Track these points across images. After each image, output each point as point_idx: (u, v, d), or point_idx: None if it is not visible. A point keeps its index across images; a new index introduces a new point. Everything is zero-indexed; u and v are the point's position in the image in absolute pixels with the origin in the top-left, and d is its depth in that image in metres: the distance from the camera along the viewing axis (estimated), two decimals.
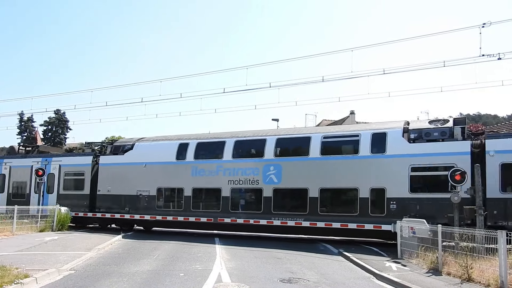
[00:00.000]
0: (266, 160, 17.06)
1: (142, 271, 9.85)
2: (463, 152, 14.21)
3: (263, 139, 17.60)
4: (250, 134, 18.45)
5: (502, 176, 13.48)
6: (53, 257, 10.98)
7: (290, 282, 9.28)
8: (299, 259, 12.55)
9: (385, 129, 15.97)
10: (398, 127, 15.90)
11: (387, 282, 9.66)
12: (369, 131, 16.22)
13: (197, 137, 19.52)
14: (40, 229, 17.56)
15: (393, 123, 16.72)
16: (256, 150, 17.83)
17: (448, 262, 10.45)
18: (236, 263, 11.40)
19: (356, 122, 44.90)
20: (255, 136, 18.21)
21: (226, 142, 18.18)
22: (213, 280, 9.02)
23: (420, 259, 11.57)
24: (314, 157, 16.40)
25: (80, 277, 9.04)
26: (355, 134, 16.42)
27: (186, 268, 10.38)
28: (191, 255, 12.66)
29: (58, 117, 55.43)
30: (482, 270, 9.33)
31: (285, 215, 16.45)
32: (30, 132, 57.11)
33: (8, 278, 7.92)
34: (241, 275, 9.81)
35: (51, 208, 18.70)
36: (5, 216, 16.82)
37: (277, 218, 16.50)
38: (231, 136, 18.58)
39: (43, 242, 14.04)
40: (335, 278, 9.96)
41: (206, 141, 19.12)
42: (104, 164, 20.43)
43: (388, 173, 15.11)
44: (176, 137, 20.48)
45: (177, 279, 9.05)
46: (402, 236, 12.99)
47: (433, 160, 14.58)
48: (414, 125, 16.20)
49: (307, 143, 16.70)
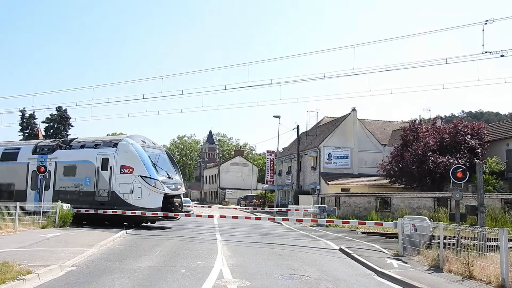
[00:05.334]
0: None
1: (143, 268, 9.87)
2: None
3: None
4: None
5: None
6: (55, 253, 11.02)
7: (292, 278, 9.30)
8: (300, 256, 12.58)
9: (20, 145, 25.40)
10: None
11: (388, 279, 9.67)
12: (27, 146, 24.43)
13: None
14: (42, 226, 17.60)
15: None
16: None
17: (449, 259, 10.44)
18: (237, 260, 11.43)
19: (358, 119, 45.00)
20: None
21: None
22: (215, 277, 9.04)
23: (421, 256, 11.58)
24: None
25: (82, 274, 9.07)
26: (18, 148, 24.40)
27: (187, 265, 10.40)
28: (192, 251, 12.70)
29: (60, 114, 55.52)
30: (483, 268, 9.33)
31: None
32: (32, 129, 57.22)
33: (11, 274, 7.95)
34: (243, 271, 9.83)
35: (53, 204, 18.75)
36: (7, 212, 16.85)
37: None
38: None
39: (45, 238, 14.08)
40: (336, 274, 9.98)
41: None
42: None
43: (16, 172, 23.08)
44: None
45: (179, 276, 9.08)
46: (403, 233, 13.00)
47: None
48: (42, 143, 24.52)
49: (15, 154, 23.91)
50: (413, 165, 31.61)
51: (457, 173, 12.71)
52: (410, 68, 24.85)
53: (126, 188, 19.88)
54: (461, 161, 28.74)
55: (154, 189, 19.79)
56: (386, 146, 44.12)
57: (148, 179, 19.79)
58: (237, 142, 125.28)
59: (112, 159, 20.42)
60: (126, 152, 20.43)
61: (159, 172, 20.56)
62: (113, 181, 20.00)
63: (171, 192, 20.59)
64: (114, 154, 20.52)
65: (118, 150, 20.57)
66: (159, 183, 19.94)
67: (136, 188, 19.71)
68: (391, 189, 35.11)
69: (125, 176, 19.98)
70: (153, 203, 19.61)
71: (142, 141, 21.62)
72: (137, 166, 19.97)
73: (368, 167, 42.22)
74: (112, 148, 20.82)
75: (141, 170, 19.88)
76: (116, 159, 20.37)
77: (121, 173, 20.04)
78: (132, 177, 19.84)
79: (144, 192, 19.67)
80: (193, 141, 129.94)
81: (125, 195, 19.81)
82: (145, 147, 21.27)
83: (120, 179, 20.00)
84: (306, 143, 47.44)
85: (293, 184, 48.73)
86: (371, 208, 29.20)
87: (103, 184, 20.41)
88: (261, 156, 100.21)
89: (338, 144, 43.72)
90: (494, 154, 30.96)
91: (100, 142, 21.95)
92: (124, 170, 20.07)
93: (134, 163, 20.08)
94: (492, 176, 28.54)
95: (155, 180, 19.91)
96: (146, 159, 20.27)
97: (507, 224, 19.37)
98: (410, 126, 35.35)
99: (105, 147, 21.17)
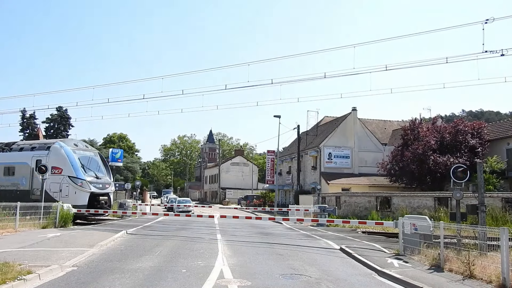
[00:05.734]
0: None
1: (144, 268, 9.87)
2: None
3: None
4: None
5: None
6: (55, 253, 11.02)
7: (292, 278, 9.30)
8: (301, 256, 12.57)
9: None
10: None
11: (389, 278, 9.66)
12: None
13: None
14: (43, 226, 17.61)
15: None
16: None
17: (450, 258, 10.44)
18: (238, 259, 11.43)
19: (358, 119, 44.98)
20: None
21: None
22: (215, 276, 9.04)
23: (422, 256, 11.57)
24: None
25: (82, 274, 9.07)
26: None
27: (188, 265, 10.40)
28: (193, 251, 12.69)
29: (60, 114, 55.47)
30: (484, 267, 9.32)
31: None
32: (32, 129, 57.17)
33: (11, 274, 7.96)
34: (243, 271, 9.83)
35: (54, 205, 18.78)
36: (8, 212, 16.85)
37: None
38: None
39: (45, 238, 14.08)
40: (337, 274, 9.97)
41: None
42: None
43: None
44: None
45: (180, 275, 9.08)
46: (404, 232, 12.99)
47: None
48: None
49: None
50: (413, 164, 31.58)
51: (458, 172, 12.70)
52: (410, 68, 24.84)
53: (56, 187, 22.03)
54: (462, 160, 28.70)
55: (81, 188, 22.08)
56: (387, 146, 44.09)
57: (74, 179, 22.10)
58: (237, 142, 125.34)
59: (44, 161, 22.32)
60: (56, 155, 22.81)
61: (87, 173, 22.87)
62: (46, 180, 20.81)
63: (98, 191, 22.76)
64: (46, 156, 22.82)
65: (50, 152, 22.95)
66: (85, 183, 22.24)
67: (64, 187, 22.03)
68: (391, 188, 35.09)
69: (55, 176, 22.03)
70: (80, 200, 21.56)
71: (74, 145, 24.28)
72: (65, 167, 22.32)
73: (369, 167, 42.18)
74: (45, 151, 23.26)
75: (69, 170, 22.19)
76: (48, 160, 22.40)
77: (52, 173, 21.77)
78: (61, 177, 22.16)
79: (71, 191, 21.97)
80: (194, 141, 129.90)
81: (55, 194, 21.82)
82: (76, 150, 23.71)
83: (51, 179, 21.59)
84: (306, 142, 47.42)
85: (293, 184, 48.71)
86: (372, 208, 29.18)
87: (37, 183, 21.90)
88: (262, 156, 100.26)
89: (338, 143, 43.69)
90: (495, 153, 30.94)
91: (36, 145, 24.79)
92: (54, 171, 22.15)
93: (63, 164, 22.41)
94: (492, 175, 28.52)
95: (82, 180, 22.23)
96: (75, 161, 22.57)
97: (507, 223, 19.35)
98: (411, 126, 35.29)
99: (40, 150, 23.69)
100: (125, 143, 76.19)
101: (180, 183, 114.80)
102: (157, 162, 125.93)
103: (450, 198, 23.66)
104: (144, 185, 60.95)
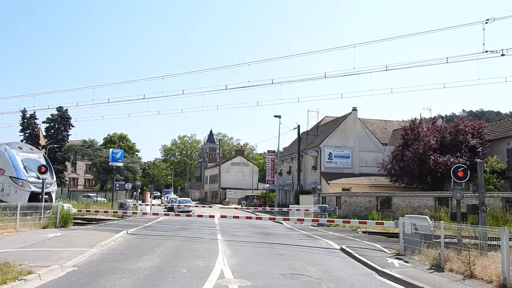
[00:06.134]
0: None
1: (144, 268, 9.87)
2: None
3: None
4: None
5: None
6: (56, 253, 11.01)
7: (293, 278, 9.29)
8: (301, 256, 12.57)
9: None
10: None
11: (389, 278, 9.66)
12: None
13: None
14: (43, 226, 17.62)
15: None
16: None
17: (451, 258, 10.43)
18: (238, 260, 11.43)
19: (359, 119, 44.97)
20: None
21: None
22: (216, 276, 9.03)
23: (423, 256, 11.57)
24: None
25: (83, 274, 9.07)
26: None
27: (188, 265, 10.40)
28: (193, 251, 12.69)
29: (60, 114, 55.49)
30: (485, 267, 9.31)
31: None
32: (32, 129, 57.25)
33: (12, 274, 7.96)
34: (244, 271, 9.82)
35: (54, 205, 18.79)
36: (8, 213, 16.86)
37: None
38: None
39: (46, 238, 14.08)
40: (337, 274, 9.97)
41: None
42: None
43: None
44: None
45: (180, 275, 9.07)
46: (404, 232, 12.98)
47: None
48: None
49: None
50: (413, 164, 31.57)
51: (458, 172, 12.69)
52: (410, 68, 24.81)
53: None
54: (462, 160, 28.70)
55: (21, 188, 23.65)
56: (387, 146, 44.08)
57: (15, 179, 23.71)
58: (237, 142, 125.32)
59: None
60: (0, 157, 24.41)
61: (29, 173, 24.21)
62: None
63: (39, 190, 22.93)
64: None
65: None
66: (25, 183, 23.74)
67: (6, 186, 23.81)
68: (392, 188, 35.08)
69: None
70: (20, 199, 21.94)
71: (18, 148, 25.95)
72: (7, 168, 23.98)
73: (369, 167, 42.18)
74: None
75: (10, 171, 23.83)
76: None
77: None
78: (3, 177, 23.87)
79: (12, 190, 23.66)
80: (194, 141, 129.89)
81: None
82: (20, 152, 25.31)
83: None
84: (306, 142, 47.41)
85: (294, 184, 48.69)
86: (372, 208, 29.17)
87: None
88: (262, 156, 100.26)
89: (338, 143, 43.69)
90: (495, 153, 30.94)
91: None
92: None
93: (5, 165, 24.07)
94: (493, 175, 28.52)
95: (22, 180, 23.77)
96: (17, 163, 24.15)
97: (508, 223, 19.33)
98: (411, 126, 35.28)
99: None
100: (126, 143, 76.25)
101: (181, 183, 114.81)
102: (157, 162, 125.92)
103: (451, 198, 23.65)
104: (145, 185, 61.01)
